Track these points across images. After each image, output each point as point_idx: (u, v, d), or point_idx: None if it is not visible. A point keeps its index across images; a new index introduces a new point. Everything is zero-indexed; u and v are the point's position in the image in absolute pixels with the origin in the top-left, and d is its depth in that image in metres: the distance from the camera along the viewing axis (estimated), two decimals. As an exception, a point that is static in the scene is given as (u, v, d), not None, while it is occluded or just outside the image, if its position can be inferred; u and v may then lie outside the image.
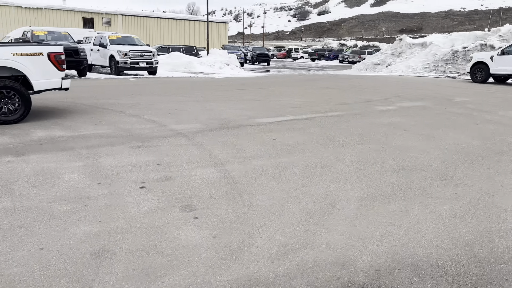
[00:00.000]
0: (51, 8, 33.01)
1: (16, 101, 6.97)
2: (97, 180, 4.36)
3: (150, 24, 38.57)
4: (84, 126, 7.01)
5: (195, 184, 4.33)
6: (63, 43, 14.89)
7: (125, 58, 16.46)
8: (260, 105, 10.23)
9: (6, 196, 3.88)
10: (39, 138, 6.10)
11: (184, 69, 22.50)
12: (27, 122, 7.14)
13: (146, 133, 6.63)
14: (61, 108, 8.71)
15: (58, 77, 7.42)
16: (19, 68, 6.89)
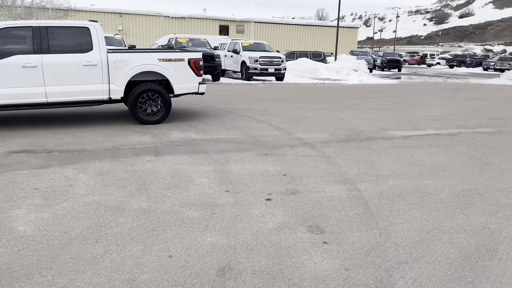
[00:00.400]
0: (193, 17, 36.17)
1: (159, 103, 7.54)
2: (225, 187, 4.34)
3: (280, 31, 39.57)
4: (215, 130, 7.24)
5: (323, 202, 4.00)
6: (202, 49, 15.98)
7: (255, 64, 16.99)
8: (393, 115, 9.43)
9: (144, 196, 4.07)
10: (176, 140, 6.45)
11: (310, 75, 22.39)
12: (166, 123, 7.67)
13: (273, 141, 6.54)
14: (196, 111, 9.23)
15: (196, 82, 7.82)
16: (163, 73, 7.44)
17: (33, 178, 4.49)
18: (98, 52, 6.97)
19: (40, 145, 5.88)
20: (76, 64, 6.84)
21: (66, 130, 6.88)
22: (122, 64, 7.13)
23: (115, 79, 7.13)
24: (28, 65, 6.53)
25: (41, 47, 6.65)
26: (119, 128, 7.15)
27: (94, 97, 7.10)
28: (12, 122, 7.43)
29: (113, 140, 6.31)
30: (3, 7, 19.44)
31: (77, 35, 7.02)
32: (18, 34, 6.77)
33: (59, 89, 6.80)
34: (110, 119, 8.00)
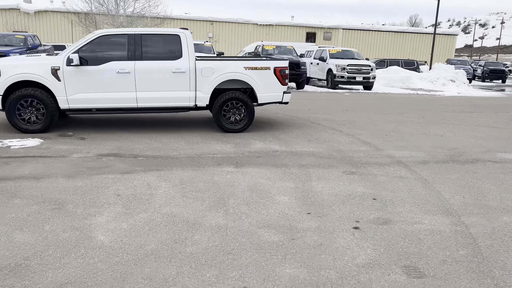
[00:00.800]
0: (281, 24, 36.36)
1: (242, 112, 7.43)
2: (307, 208, 3.98)
3: (369, 38, 38.11)
4: (298, 142, 6.91)
5: (421, 236, 3.45)
6: (287, 57, 15.79)
7: (342, 72, 16.37)
8: (501, 134, 8.29)
9: (222, 210, 3.87)
10: (257, 150, 6.24)
11: (401, 84, 21.06)
12: (248, 132, 7.53)
13: (360, 157, 6.02)
14: (278, 121, 8.99)
15: (280, 91, 7.58)
16: (248, 81, 7.31)
17: (117, 183, 4.55)
18: (187, 59, 7.06)
19: (127, 149, 6.05)
20: (165, 71, 6.98)
21: (153, 135, 7.05)
22: (209, 71, 7.14)
23: (202, 86, 7.16)
24: (122, 71, 6.80)
25: (135, 54, 6.90)
26: (202, 135, 7.15)
27: (180, 103, 7.19)
28: (105, 125, 7.84)
29: (196, 148, 6.29)
30: (108, 16, 21.20)
31: (168, 43, 7.17)
32: (115, 41, 7.10)
33: (149, 95, 6.99)
34: (194, 125, 8.08)
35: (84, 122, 7.93)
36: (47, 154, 5.62)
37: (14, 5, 31.07)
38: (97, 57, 6.85)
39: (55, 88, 6.67)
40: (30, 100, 6.67)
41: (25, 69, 6.61)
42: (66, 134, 6.86)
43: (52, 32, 32.02)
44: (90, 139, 6.60)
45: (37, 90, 6.66)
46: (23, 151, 5.75)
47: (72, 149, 5.95)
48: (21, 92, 6.61)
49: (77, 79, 6.71)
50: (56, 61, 6.68)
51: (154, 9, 21.62)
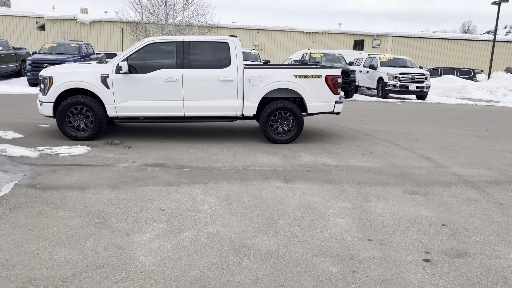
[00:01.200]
0: (328, 32, 35.76)
1: (291, 122, 7.08)
2: (368, 234, 3.55)
3: (420, 45, 36.60)
4: (350, 155, 6.46)
5: (506, 275, 2.93)
6: (336, 65, 15.29)
7: (394, 81, 15.60)
8: None
9: (272, 232, 3.54)
10: (306, 164, 5.86)
11: (457, 94, 19.86)
12: (296, 143, 7.17)
13: (421, 174, 5.48)
14: (327, 131, 8.56)
15: (332, 101, 7.16)
16: (298, 90, 6.97)
17: (162, 196, 4.34)
18: (235, 67, 6.83)
19: (173, 159, 5.88)
20: (213, 79, 6.79)
21: (198, 145, 6.87)
22: (257, 80, 6.87)
23: (249, 95, 6.90)
24: (170, 79, 6.68)
25: (183, 62, 6.76)
26: (249, 146, 6.88)
27: (227, 113, 6.96)
28: (152, 133, 7.76)
29: (242, 159, 6.01)
30: (157, 25, 21.69)
31: (217, 50, 6.99)
32: (164, 49, 7.01)
33: (196, 104, 6.82)
34: (240, 135, 7.83)
35: (130, 130, 7.91)
36: (93, 163, 5.55)
37: (71, 16, 32.70)
38: (145, 65, 6.78)
39: (104, 96, 6.66)
40: (79, 107, 6.70)
41: (76, 76, 6.65)
42: (113, 142, 6.82)
43: (105, 41, 33.37)
44: (136, 147, 6.51)
45: (87, 98, 6.68)
46: (70, 159, 5.73)
47: (118, 158, 5.86)
48: (71, 100, 6.65)
49: (125, 87, 6.66)
50: (106, 69, 6.67)
51: (202, 18, 21.89)
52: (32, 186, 4.53)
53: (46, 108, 6.71)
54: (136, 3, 21.56)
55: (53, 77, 6.64)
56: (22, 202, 4.06)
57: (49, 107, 6.69)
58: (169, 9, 21.35)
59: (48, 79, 6.65)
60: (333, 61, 16.70)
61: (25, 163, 5.43)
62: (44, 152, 6.00)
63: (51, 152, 6.02)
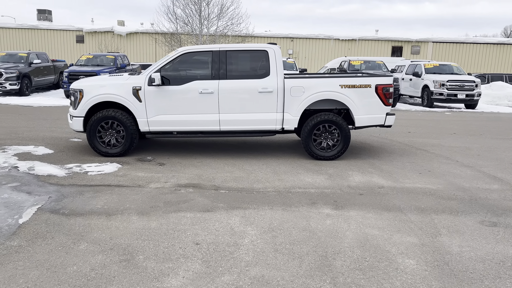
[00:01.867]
0: (364, 38, 34.72)
1: (336, 137, 6.43)
2: (449, 283, 2.85)
3: (463, 51, 34.85)
4: (406, 174, 5.72)
5: None
6: (376, 72, 14.47)
7: (441, 89, 14.54)
8: None
9: (328, 279, 2.91)
10: (357, 185, 5.19)
11: (508, 102, 18.44)
12: (342, 159, 6.50)
13: (496, 199, 4.68)
14: (374, 145, 7.82)
15: (382, 113, 6.46)
16: (344, 101, 6.31)
17: (196, 226, 3.81)
18: (275, 77, 6.27)
19: (208, 179, 5.36)
20: (251, 90, 6.26)
21: (234, 161, 6.33)
22: (299, 91, 6.27)
23: (290, 107, 6.31)
24: (205, 91, 6.20)
25: (219, 72, 6.27)
26: (289, 163, 6.27)
27: (266, 126, 6.40)
28: (185, 148, 7.31)
29: (284, 179, 5.41)
30: (192, 35, 21.56)
31: (255, 59, 6.47)
32: (198, 59, 6.57)
33: (232, 117, 6.30)
34: (279, 150, 7.24)
35: (163, 145, 7.49)
36: (123, 183, 5.11)
37: (109, 28, 33.40)
38: (179, 76, 6.35)
39: (136, 110, 6.26)
40: (110, 122, 6.33)
41: (107, 89, 6.29)
42: (145, 158, 6.39)
43: (141, 52, 33.85)
44: (169, 165, 6.05)
45: (118, 112, 6.30)
46: (99, 178, 5.32)
47: (149, 177, 5.41)
48: (102, 114, 6.29)
49: (158, 100, 6.24)
50: (138, 80, 6.28)
51: (236, 27, 21.57)
52: (56, 212, 4.11)
53: (76, 122, 6.39)
54: (170, 13, 21.55)
55: (83, 90, 6.31)
56: (42, 231, 3.64)
57: (79, 122, 6.36)
58: (204, 18, 21.19)
59: (79, 92, 6.33)
60: (374, 68, 15.86)
61: (52, 183, 5.06)
62: (73, 170, 5.63)
63: (79, 170, 5.64)
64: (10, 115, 10.79)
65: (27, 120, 9.98)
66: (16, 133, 8.17)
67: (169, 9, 21.60)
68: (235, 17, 21.47)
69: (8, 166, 5.72)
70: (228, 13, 21.36)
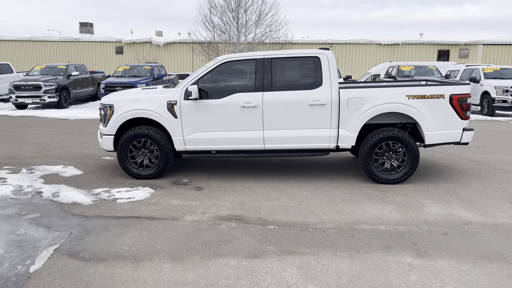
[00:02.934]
0: (407, 42, 33.07)
1: (401, 156, 5.46)
2: None
3: (517, 53, 32.43)
4: (494, 205, 4.66)
5: None
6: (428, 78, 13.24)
7: (504, 96, 13.07)
8: None
9: None
10: (437, 220, 4.20)
11: None
12: (409, 183, 5.51)
13: None
14: (443, 164, 6.74)
15: (459, 128, 5.43)
16: (411, 115, 5.34)
17: (243, 281, 2.99)
18: (328, 88, 5.40)
19: (253, 209, 4.55)
20: (301, 103, 5.41)
21: (281, 185, 5.49)
22: (358, 103, 5.36)
23: (346, 122, 5.41)
24: (248, 105, 5.42)
25: (263, 83, 5.48)
26: (346, 187, 5.35)
27: (318, 145, 5.52)
28: (224, 168, 6.55)
29: (344, 210, 4.51)
30: (229, 44, 21.04)
31: (305, 67, 5.64)
32: (240, 69, 5.82)
33: (278, 134, 5.48)
34: (331, 170, 6.33)
35: (200, 164, 6.76)
36: (155, 214, 4.39)
37: (147, 39, 33.67)
38: (218, 89, 5.62)
39: (171, 127, 5.57)
40: (143, 140, 5.67)
41: (139, 104, 5.64)
42: (180, 181, 5.68)
43: (179, 62, 33.86)
44: (207, 189, 5.30)
45: (151, 129, 5.63)
46: (129, 207, 4.63)
47: (185, 206, 4.66)
48: (134, 132, 5.64)
49: (195, 116, 5.52)
50: (173, 94, 5.59)
51: (275, 34, 20.84)
52: (75, 255, 3.42)
53: (106, 141, 5.77)
54: (208, 22, 21.16)
55: (114, 105, 5.70)
56: (54, 285, 2.93)
57: (109, 141, 5.74)
58: (241, 26, 20.62)
59: (109, 108, 5.72)
60: (425, 74, 14.61)
61: (76, 213, 4.41)
62: (100, 196, 4.98)
63: (108, 196, 4.99)
64: (46, 129, 10.50)
65: (61, 135, 9.61)
66: (48, 150, 7.72)
67: (206, 18, 21.21)
68: (273, 24, 20.77)
69: (32, 191, 5.16)
70: (266, 19, 20.70)
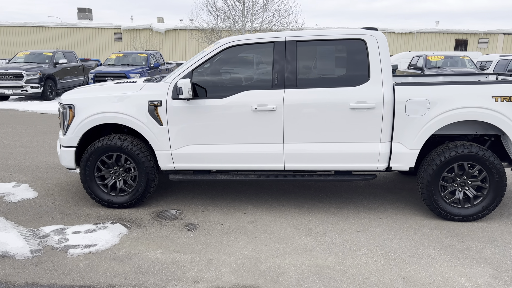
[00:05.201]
0: (423, 31, 31.14)
1: (478, 182, 3.83)
2: None
3: (539, 43, 30.49)
4: None
5: None
6: (463, 71, 11.53)
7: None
8: None
9: None
10: None
11: None
12: (490, 220, 3.89)
13: None
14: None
15: None
16: (498, 124, 3.70)
17: None
18: (378, 84, 3.76)
19: (272, 272, 2.96)
20: (338, 106, 3.78)
21: (308, 221, 3.88)
22: (421, 106, 3.72)
23: (403, 134, 3.78)
24: (263, 108, 3.79)
25: (284, 77, 3.84)
26: (401, 226, 3.74)
27: (360, 165, 3.89)
28: (226, 193, 4.94)
29: (413, 277, 2.91)
30: (234, 31, 19.30)
31: (344, 55, 3.99)
32: (251, 57, 4.19)
33: (304, 150, 3.86)
34: (370, 194, 4.72)
35: (195, 187, 5.14)
36: (120, 283, 2.80)
37: (147, 26, 31.92)
38: (221, 84, 4.02)
39: (153, 137, 3.96)
40: (115, 155, 4.07)
41: (108, 105, 4.02)
42: (167, 213, 4.08)
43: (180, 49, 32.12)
44: (203, 228, 3.70)
45: (127, 139, 4.03)
46: (83, 266, 3.04)
47: (168, 264, 3.07)
48: (102, 143, 4.03)
49: (188, 122, 3.91)
50: (157, 91, 3.96)
51: (284, 19, 19.06)
52: None
53: (65, 155, 4.16)
54: (211, 5, 19.40)
55: (74, 105, 4.08)
56: None
57: (69, 154, 4.14)
58: (247, 11, 18.84)
59: (68, 109, 4.10)
60: (456, 65, 12.88)
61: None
62: (47, 242, 3.40)
63: (57, 242, 3.40)
64: (18, 127, 8.91)
65: (32, 134, 8.01)
66: (6, 157, 6.14)
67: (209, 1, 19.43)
68: (282, 8, 18.98)
69: (-48, 230, 3.58)
70: (274, 3, 18.90)
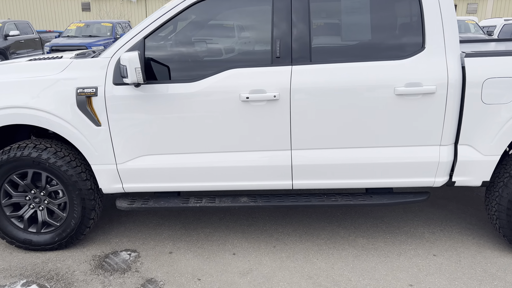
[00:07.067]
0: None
1: None
2: None
3: (530, 7, 29.43)
4: None
5: None
6: (473, 37, 10.23)
7: None
8: None
9: None
10: None
11: None
12: None
13: None
14: None
15: None
16: None
17: None
18: (439, 54, 2.39)
19: None
20: (376, 90, 2.40)
21: (329, 266, 2.56)
22: (509, 89, 2.37)
23: (477, 131, 2.46)
24: (258, 97, 2.39)
25: (290, 46, 2.42)
26: (472, 275, 2.49)
27: (406, 180, 2.56)
28: (207, 217, 3.56)
29: None
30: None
31: (383, 10, 2.56)
32: (238, 15, 2.73)
33: (323, 158, 2.50)
34: (412, 214, 3.42)
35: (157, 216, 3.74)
36: None
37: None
38: (191, 59, 2.55)
39: (88, 144, 2.53)
40: (32, 172, 2.62)
41: (17, 95, 2.54)
42: (115, 258, 2.70)
43: (154, 20, 29.91)
44: (173, 285, 2.35)
45: (47, 148, 2.58)
46: None
47: None
48: (8, 155, 2.58)
49: (141, 120, 2.47)
50: (89, 72, 2.49)
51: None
52: None
53: (-47, 174, 2.70)
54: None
55: (-40, 98, 2.58)
56: None
57: (-42, 174, 2.68)
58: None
59: (-48, 104, 2.60)
60: (460, 30, 11.54)
61: None
62: None
63: None
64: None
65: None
66: None
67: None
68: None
69: None
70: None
